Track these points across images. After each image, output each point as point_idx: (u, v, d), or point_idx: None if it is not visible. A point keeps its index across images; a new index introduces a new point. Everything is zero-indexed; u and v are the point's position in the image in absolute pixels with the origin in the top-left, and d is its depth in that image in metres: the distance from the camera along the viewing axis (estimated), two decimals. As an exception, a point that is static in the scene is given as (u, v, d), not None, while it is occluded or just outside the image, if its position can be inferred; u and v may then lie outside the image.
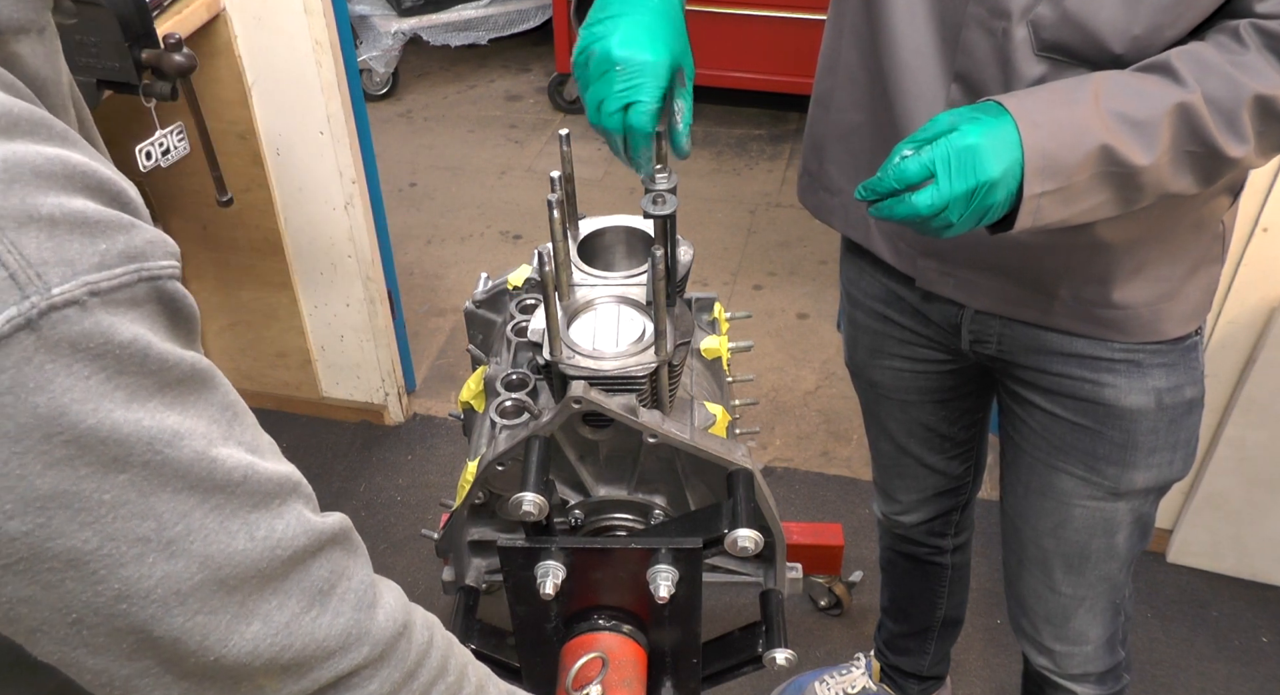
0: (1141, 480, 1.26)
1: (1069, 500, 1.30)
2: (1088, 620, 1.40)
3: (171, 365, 0.51)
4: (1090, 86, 0.94)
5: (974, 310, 1.25)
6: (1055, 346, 1.21)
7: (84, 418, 0.47)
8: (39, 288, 0.46)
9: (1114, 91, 0.94)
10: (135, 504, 0.50)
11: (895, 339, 1.38)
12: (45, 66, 0.59)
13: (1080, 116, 0.93)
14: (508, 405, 1.07)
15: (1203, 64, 0.93)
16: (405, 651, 0.65)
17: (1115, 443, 1.23)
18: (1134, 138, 0.93)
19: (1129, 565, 1.37)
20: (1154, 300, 1.15)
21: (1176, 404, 1.22)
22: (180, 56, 1.51)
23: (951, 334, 1.30)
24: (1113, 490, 1.27)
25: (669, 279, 1.01)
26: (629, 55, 0.97)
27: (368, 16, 3.90)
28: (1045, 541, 1.35)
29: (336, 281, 2.37)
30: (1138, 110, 0.93)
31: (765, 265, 3.11)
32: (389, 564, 2.25)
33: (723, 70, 3.51)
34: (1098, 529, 1.30)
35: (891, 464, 1.57)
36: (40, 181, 0.48)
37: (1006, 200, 0.93)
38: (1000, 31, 1.01)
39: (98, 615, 0.51)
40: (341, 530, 0.62)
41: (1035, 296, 1.18)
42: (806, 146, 1.32)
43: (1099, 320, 1.17)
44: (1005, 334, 1.25)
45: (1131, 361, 1.19)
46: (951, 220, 0.92)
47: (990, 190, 0.91)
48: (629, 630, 1.06)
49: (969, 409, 1.47)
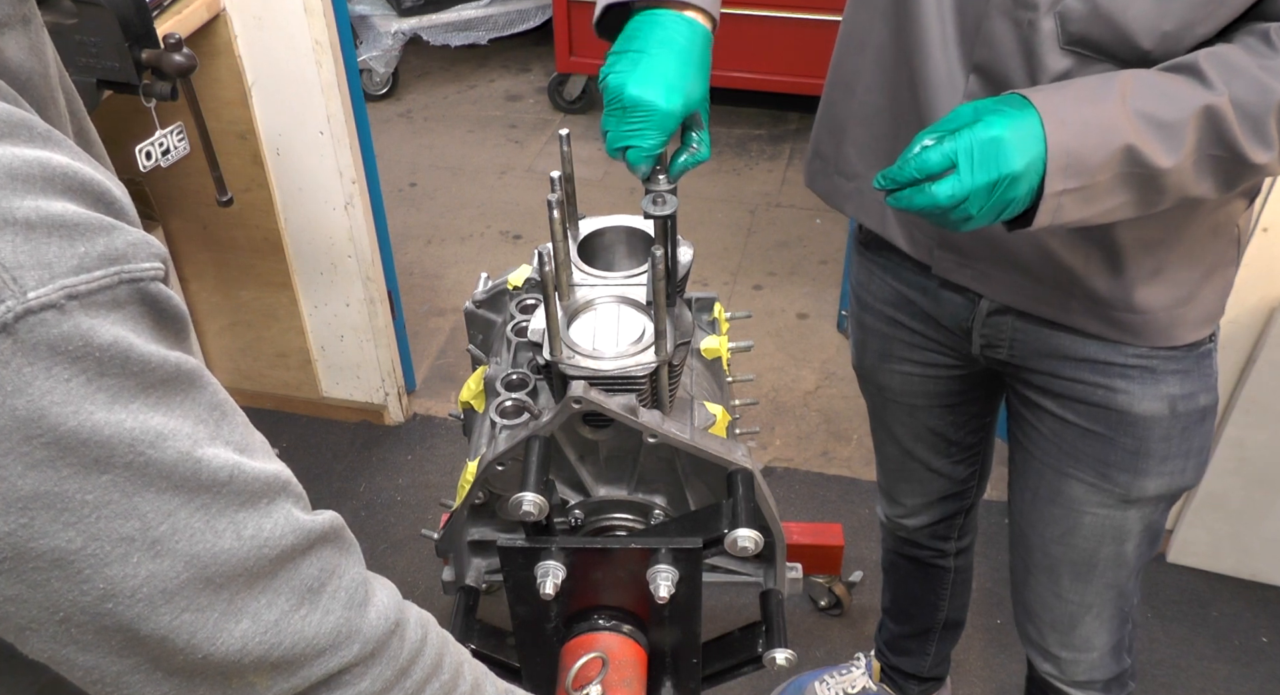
0: (1153, 488, 1.24)
1: (1079, 507, 1.28)
2: (1094, 627, 1.38)
3: (155, 366, 0.51)
4: (1117, 85, 0.92)
5: (986, 313, 1.24)
6: (1068, 351, 1.20)
7: (64, 420, 0.48)
8: (14, 291, 0.46)
9: (1141, 91, 0.92)
10: (119, 504, 0.50)
11: (904, 343, 1.37)
12: (30, 59, 0.59)
13: (1107, 115, 0.91)
14: (508, 405, 1.07)
15: (1231, 67, 0.91)
16: (398, 649, 0.65)
17: (1127, 450, 1.22)
18: (1159, 139, 0.91)
19: (1137, 573, 1.36)
20: (1171, 304, 1.14)
21: (1190, 411, 1.20)
22: (180, 56, 1.50)
23: (962, 338, 1.29)
24: (1124, 497, 1.25)
25: (669, 279, 1.01)
26: (641, 98, 0.99)
27: (368, 16, 3.90)
28: (1053, 548, 1.34)
29: (336, 281, 2.37)
30: (1165, 111, 0.91)
31: (765, 265, 3.11)
32: (389, 564, 2.25)
33: (723, 70, 3.51)
34: (1107, 536, 1.29)
35: (897, 468, 1.56)
36: (17, 184, 0.48)
37: (1027, 196, 0.92)
38: (1026, 23, 1.00)
39: (85, 614, 0.51)
40: (332, 529, 0.62)
41: (1053, 294, 1.16)
42: (821, 129, 1.29)
43: (1116, 323, 1.15)
44: (1017, 339, 1.23)
45: (1145, 367, 1.18)
46: (971, 212, 0.91)
47: (1012, 184, 0.90)
48: (629, 630, 1.06)
49: (976, 413, 1.46)
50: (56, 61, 0.64)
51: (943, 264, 1.22)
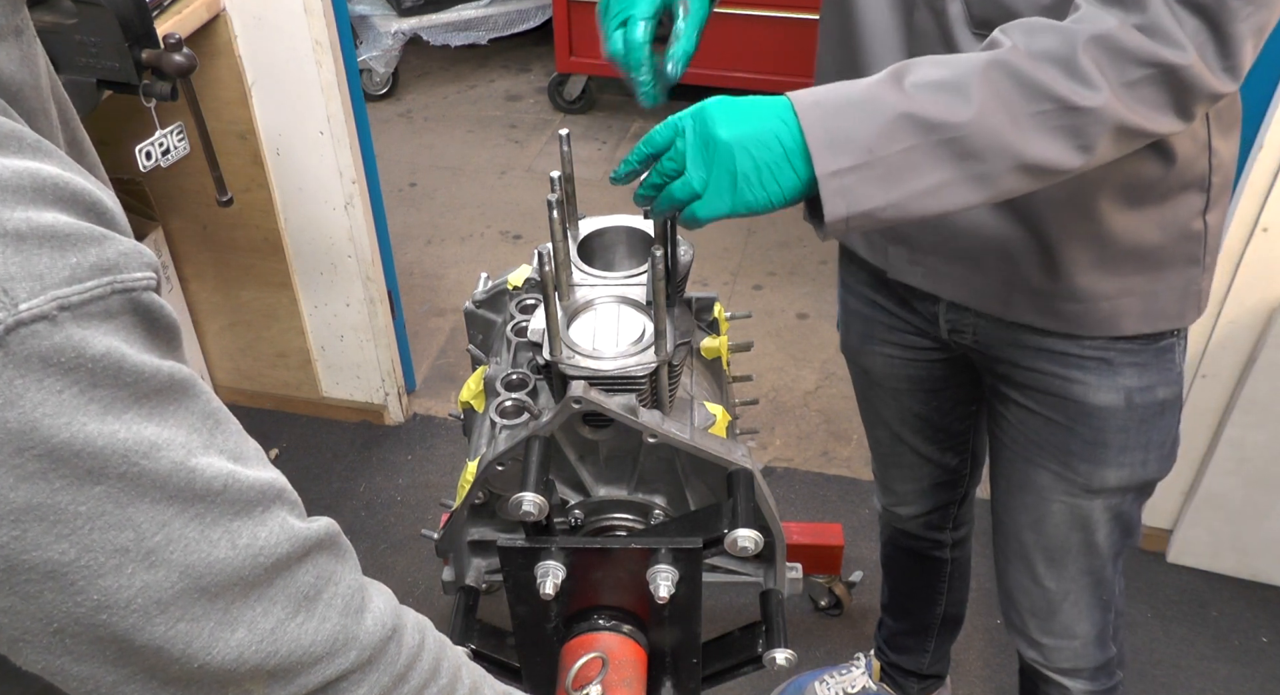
0: (1114, 478, 1.26)
1: (1047, 495, 1.30)
2: (1074, 615, 1.40)
3: (148, 376, 0.51)
4: (890, 69, 0.90)
5: (948, 303, 1.26)
6: (1026, 341, 1.22)
7: (57, 431, 0.47)
8: (5, 303, 0.46)
9: (915, 67, 0.89)
10: (112, 515, 0.50)
11: (884, 325, 1.39)
12: (20, 71, 0.59)
13: (870, 92, 0.88)
14: (508, 405, 1.07)
15: (1029, 28, 0.88)
16: (395, 655, 0.65)
17: (1086, 440, 1.24)
18: (940, 98, 0.86)
19: (1113, 561, 1.37)
20: (1113, 294, 1.14)
21: (1148, 404, 1.21)
22: (180, 56, 1.50)
23: (932, 323, 1.31)
24: (1085, 487, 1.27)
25: (669, 279, 1.01)
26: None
27: (368, 16, 3.90)
28: (1026, 535, 1.36)
29: (336, 281, 2.37)
30: (941, 76, 0.87)
31: (765, 265, 3.11)
32: (389, 564, 2.25)
33: (723, 70, 3.51)
34: (1075, 524, 1.31)
35: (888, 453, 1.58)
36: (7, 196, 0.48)
37: (802, 184, 0.88)
38: (940, 9, 1.04)
39: (79, 625, 0.51)
40: (328, 535, 0.62)
41: (998, 287, 1.18)
42: None
43: (1057, 313, 1.17)
44: (979, 325, 1.25)
45: (1102, 359, 1.19)
46: (695, 187, 0.89)
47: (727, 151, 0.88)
48: (629, 630, 1.06)
49: (961, 400, 1.47)
50: (49, 71, 0.64)
51: (896, 264, 1.25)
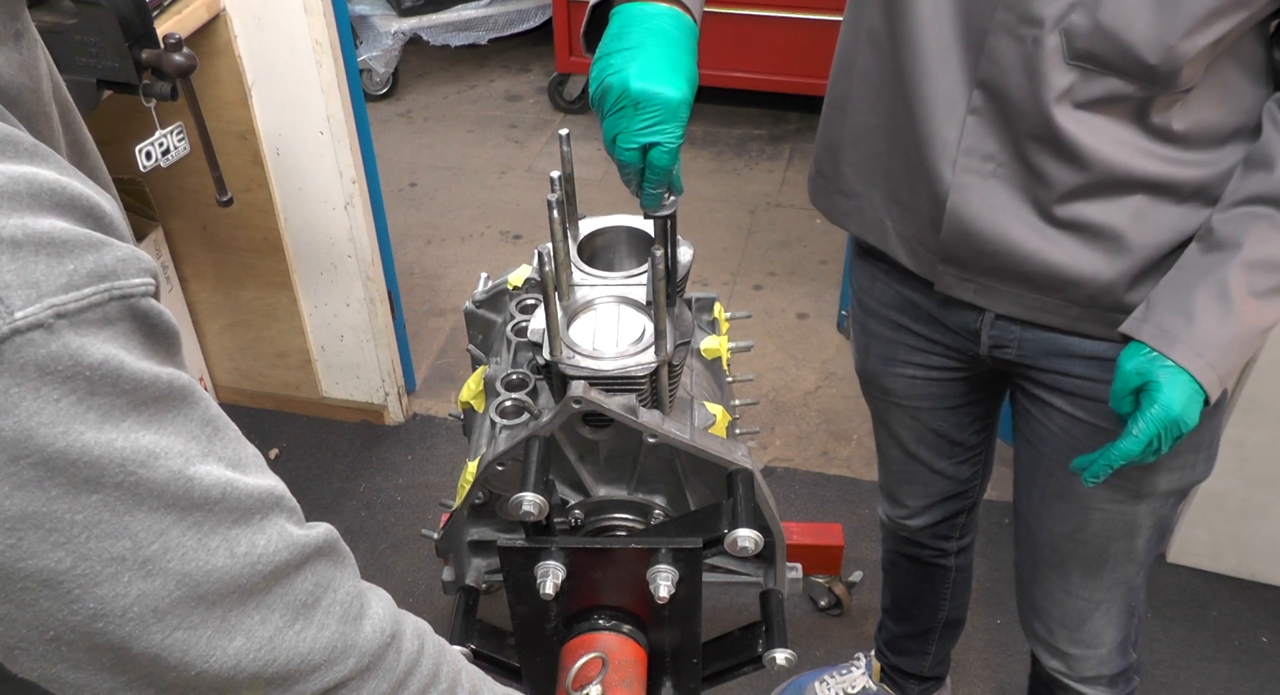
0: (1164, 483, 1.24)
1: (1089, 503, 1.28)
2: (1103, 623, 1.39)
3: (147, 383, 0.51)
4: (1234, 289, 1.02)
5: (994, 317, 1.24)
6: (1076, 350, 1.20)
7: (53, 440, 0.47)
8: (1, 312, 0.45)
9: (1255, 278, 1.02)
10: (109, 524, 0.50)
11: (909, 347, 1.37)
12: (20, 75, 0.58)
13: (1238, 330, 1.03)
14: (508, 405, 1.07)
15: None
16: (393, 662, 0.65)
17: None
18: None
19: (1145, 568, 1.36)
20: None
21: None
22: (180, 56, 1.50)
23: (969, 340, 1.29)
24: (1134, 492, 1.25)
25: (669, 279, 1.01)
26: (649, 90, 0.92)
27: (368, 16, 3.90)
28: (1064, 545, 1.34)
29: (336, 281, 2.37)
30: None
31: (765, 265, 3.11)
32: (389, 564, 2.25)
33: (723, 70, 3.51)
34: (1118, 532, 1.29)
35: (900, 470, 1.56)
36: (3, 202, 0.47)
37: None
38: (1030, 39, 1.00)
39: (75, 633, 0.51)
40: (326, 542, 0.62)
41: (1056, 303, 1.17)
42: (820, 149, 1.30)
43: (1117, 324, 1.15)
44: (1026, 338, 1.23)
45: None
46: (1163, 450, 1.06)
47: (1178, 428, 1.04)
48: (629, 630, 1.06)
49: (980, 414, 1.46)
50: (51, 75, 0.63)
51: (945, 279, 1.22)
